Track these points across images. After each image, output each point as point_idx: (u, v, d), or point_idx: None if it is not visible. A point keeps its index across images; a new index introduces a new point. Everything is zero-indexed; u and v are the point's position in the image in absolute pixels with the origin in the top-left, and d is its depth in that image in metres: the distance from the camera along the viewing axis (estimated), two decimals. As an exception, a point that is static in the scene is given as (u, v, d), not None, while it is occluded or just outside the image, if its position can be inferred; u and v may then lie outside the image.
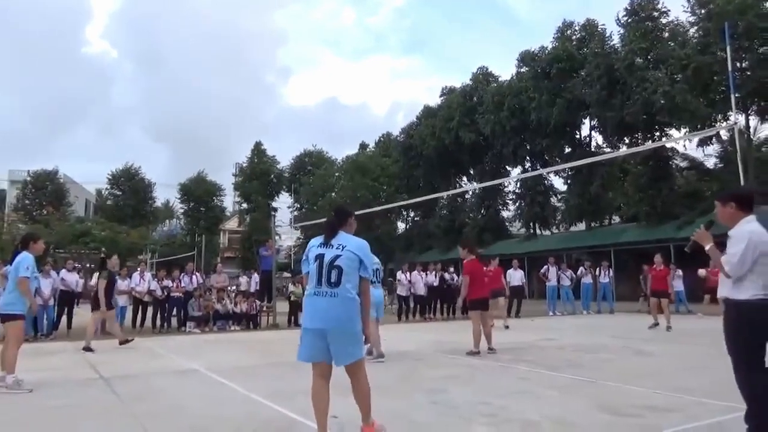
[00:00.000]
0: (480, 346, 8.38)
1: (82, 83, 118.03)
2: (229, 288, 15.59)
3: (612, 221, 33.77)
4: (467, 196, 39.21)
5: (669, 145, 26.35)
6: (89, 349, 9.20)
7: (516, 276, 16.51)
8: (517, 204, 36.46)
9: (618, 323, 14.22)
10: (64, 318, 12.54)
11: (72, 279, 12.79)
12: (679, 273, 16.61)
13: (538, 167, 32.88)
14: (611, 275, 18.42)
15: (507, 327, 12.76)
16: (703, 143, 26.00)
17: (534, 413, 4.66)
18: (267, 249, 16.75)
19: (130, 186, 46.13)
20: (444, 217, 38.90)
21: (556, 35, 32.06)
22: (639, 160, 26.33)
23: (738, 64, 21.43)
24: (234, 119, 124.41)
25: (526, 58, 33.36)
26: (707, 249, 3.76)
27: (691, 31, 25.24)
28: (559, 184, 35.23)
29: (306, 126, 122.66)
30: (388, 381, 6.01)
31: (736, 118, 11.64)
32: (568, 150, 32.89)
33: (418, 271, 16.37)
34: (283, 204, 49.92)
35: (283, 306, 15.33)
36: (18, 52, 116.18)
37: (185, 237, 46.76)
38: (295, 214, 47.34)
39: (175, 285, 13.47)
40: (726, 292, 3.68)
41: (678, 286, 16.49)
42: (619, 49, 27.32)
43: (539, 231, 35.14)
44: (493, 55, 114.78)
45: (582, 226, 33.17)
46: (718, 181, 24.15)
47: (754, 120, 25.07)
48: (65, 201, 44.12)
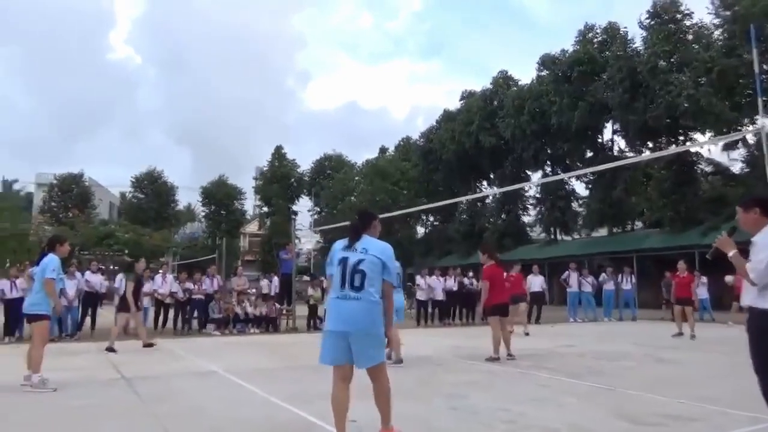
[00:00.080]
0: (500, 352, 8.34)
1: (107, 88, 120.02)
2: (249, 291, 15.69)
3: (635, 227, 33.25)
4: (487, 200, 38.92)
5: (693, 150, 25.91)
6: (112, 350, 9.36)
7: (536, 282, 16.40)
8: (538, 209, 36.12)
9: (640, 330, 14.01)
10: (88, 319, 12.79)
11: (96, 280, 13.03)
12: (704, 280, 16.29)
13: (559, 172, 32.51)
14: (634, 282, 18.14)
15: (527, 334, 12.64)
16: (729, 147, 25.52)
17: (553, 420, 4.62)
18: (287, 252, 16.83)
19: (153, 189, 46.77)
20: (464, 222, 38.67)
21: (577, 38, 31.75)
22: (662, 164, 25.92)
23: (764, 66, 21.03)
24: (255, 123, 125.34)
25: (546, 61, 33.07)
26: (730, 256, 3.68)
27: (716, 34, 24.83)
28: (581, 188, 34.84)
29: (326, 130, 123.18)
30: (407, 386, 6.00)
31: (763, 121, 11.41)
32: (589, 154, 32.48)
33: (436, 276, 16.19)
34: (303, 208, 50.21)
35: (303, 309, 15.40)
36: (47, 60, 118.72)
37: (206, 240, 47.23)
38: (315, 217, 47.56)
39: (197, 287, 13.63)
40: (751, 300, 3.60)
41: (703, 293, 16.18)
42: (642, 52, 26.95)
43: (560, 236, 34.73)
44: (513, 59, 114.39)
45: (604, 231, 32.74)
46: (743, 186, 23.63)
47: (781, 124, 24.55)
48: (90, 204, 44.90)
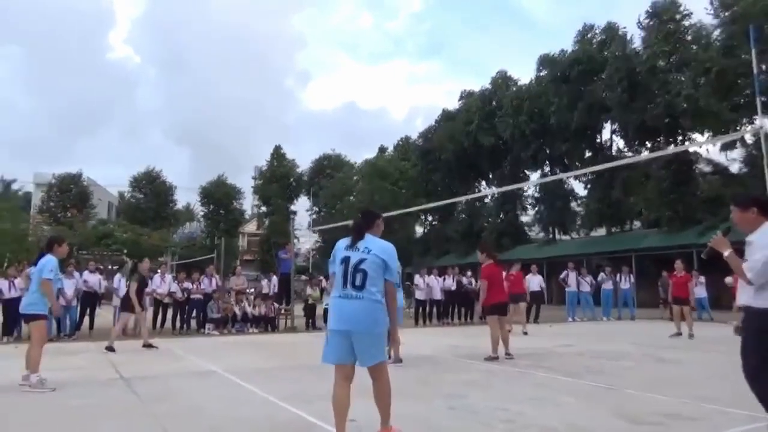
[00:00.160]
0: (498, 351, 8.35)
1: (106, 88, 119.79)
2: (248, 291, 15.68)
3: (633, 226, 33.29)
4: (486, 200, 38.98)
5: (692, 149, 25.93)
6: (111, 349, 9.35)
7: (535, 281, 16.41)
8: (537, 208, 36.18)
9: (639, 330, 14.01)
10: (86, 319, 12.77)
11: (94, 280, 13.00)
12: (702, 280, 16.33)
13: (557, 171, 32.57)
14: (632, 281, 18.16)
15: (525, 333, 12.65)
16: (727, 147, 25.51)
17: (552, 419, 4.63)
18: (286, 252, 16.84)
19: (151, 189, 46.77)
20: (462, 222, 38.71)
21: (576, 39, 31.75)
22: (661, 164, 25.92)
23: (763, 66, 21.03)
24: (254, 123, 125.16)
25: (545, 61, 33.10)
26: (726, 256, 3.68)
27: (715, 34, 24.86)
28: (579, 188, 34.92)
29: (325, 130, 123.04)
30: (406, 385, 6.00)
31: (761, 121, 11.42)
32: (588, 154, 32.52)
33: (434, 276, 16.12)
34: (302, 207, 50.28)
35: (302, 309, 15.38)
36: (46, 60, 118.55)
37: (205, 240, 47.24)
38: (314, 217, 47.56)
39: (195, 287, 13.63)
40: (747, 299, 3.60)
41: (701, 293, 16.22)
42: (641, 52, 26.98)
43: (559, 236, 34.80)
44: (512, 59, 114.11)
45: (602, 231, 32.77)
46: (742, 186, 23.66)
47: (779, 124, 24.57)
48: (89, 203, 44.87)
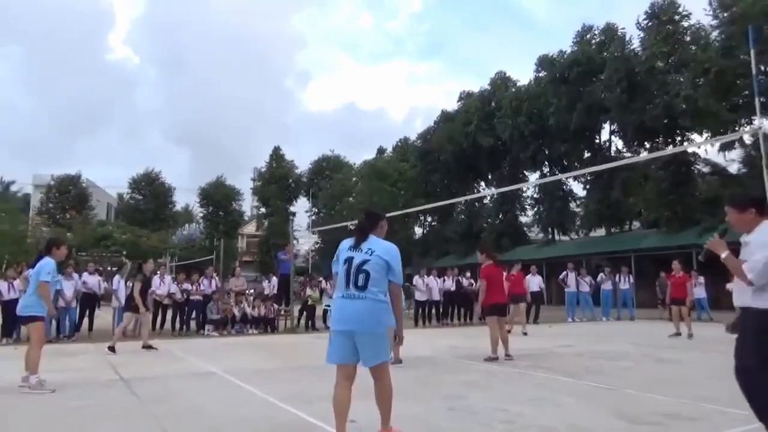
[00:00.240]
0: (498, 352, 8.35)
1: (106, 89, 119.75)
2: (248, 291, 15.68)
3: (632, 227, 33.32)
4: (485, 201, 38.97)
5: (691, 150, 25.95)
6: (113, 350, 9.34)
7: (534, 282, 16.42)
8: (536, 209, 36.20)
9: (639, 330, 14.02)
10: (85, 320, 12.76)
11: (93, 282, 13.02)
12: (701, 280, 16.33)
13: (556, 172, 32.60)
14: (631, 281, 18.18)
15: (525, 333, 12.66)
16: (726, 148, 25.52)
17: (552, 420, 4.63)
18: (285, 253, 16.84)
19: (150, 190, 46.73)
20: (461, 222, 38.71)
21: (575, 39, 31.77)
22: (660, 164, 25.95)
23: (762, 67, 21.06)
24: (254, 123, 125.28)
25: (544, 62, 33.12)
26: (723, 257, 3.67)
27: (714, 35, 24.89)
28: (579, 189, 34.96)
29: (324, 131, 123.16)
30: (405, 386, 5.99)
31: (760, 122, 11.44)
32: (587, 155, 32.55)
33: (434, 276, 16.08)
34: (301, 208, 50.26)
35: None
36: (46, 60, 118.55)
37: (204, 241, 47.21)
38: (313, 218, 47.55)
39: (195, 288, 13.62)
40: (746, 300, 3.59)
41: (700, 293, 16.22)
42: (640, 53, 27.02)
43: (558, 236, 34.82)
44: (512, 60, 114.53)
45: (601, 231, 32.79)
46: (740, 187, 23.69)
47: (778, 124, 24.60)
48: (87, 205, 44.84)
